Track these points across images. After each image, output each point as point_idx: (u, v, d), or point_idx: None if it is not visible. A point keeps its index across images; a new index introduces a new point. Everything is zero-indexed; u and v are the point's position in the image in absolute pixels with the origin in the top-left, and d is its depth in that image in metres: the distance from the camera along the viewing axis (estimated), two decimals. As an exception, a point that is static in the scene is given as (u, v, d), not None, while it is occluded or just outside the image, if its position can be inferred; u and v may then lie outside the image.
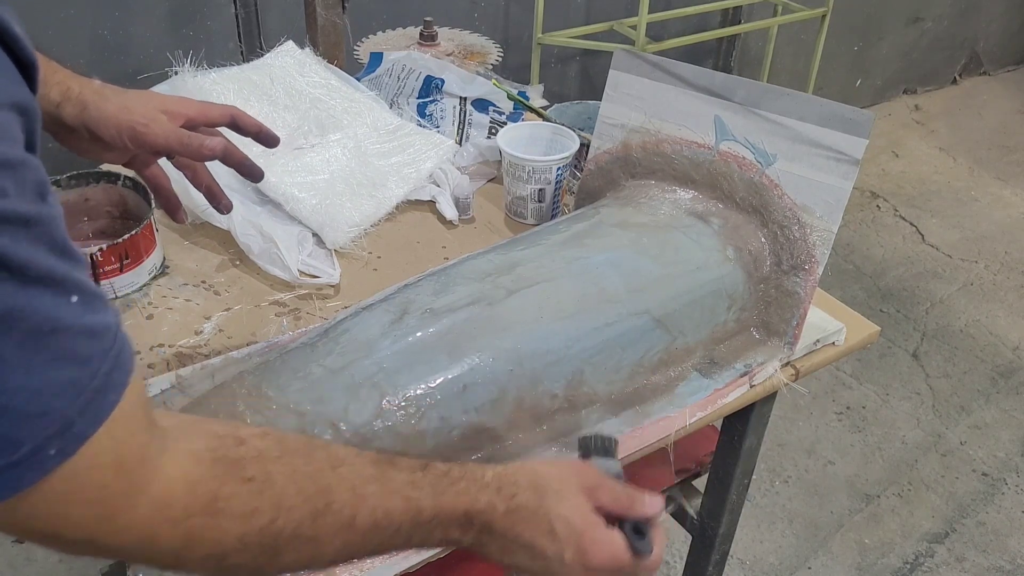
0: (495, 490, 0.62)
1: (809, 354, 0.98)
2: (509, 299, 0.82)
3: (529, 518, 0.62)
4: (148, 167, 0.87)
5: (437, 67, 1.33)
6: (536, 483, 0.63)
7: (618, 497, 0.66)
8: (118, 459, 0.45)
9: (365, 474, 0.57)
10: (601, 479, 0.67)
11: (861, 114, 0.88)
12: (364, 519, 0.56)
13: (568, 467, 0.67)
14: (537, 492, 0.63)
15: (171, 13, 1.98)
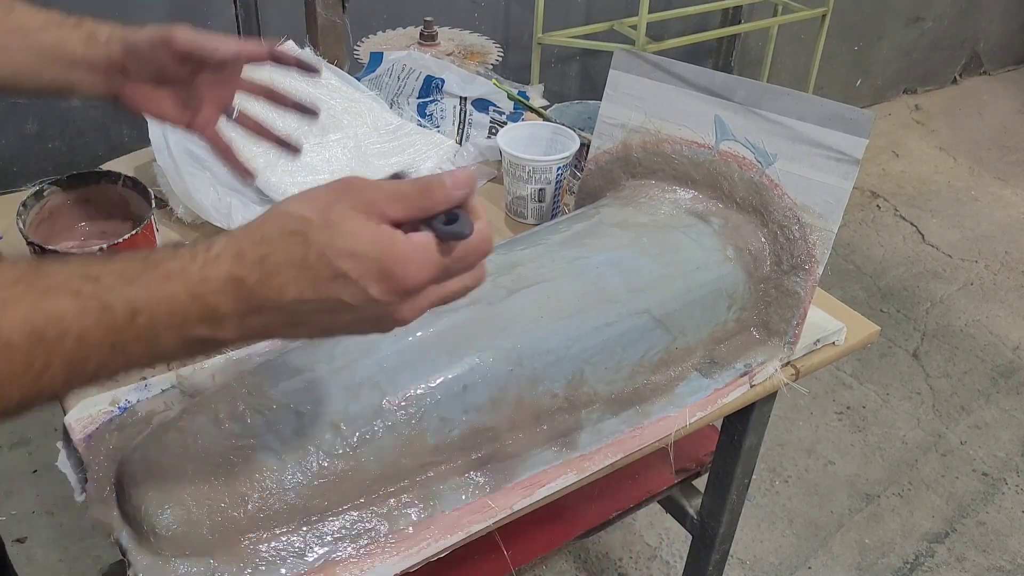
0: (233, 259, 0.51)
1: (809, 354, 0.98)
2: (509, 299, 0.82)
3: (301, 274, 0.51)
4: (210, 125, 0.88)
5: (437, 67, 1.33)
6: (291, 227, 0.51)
7: (407, 195, 0.53)
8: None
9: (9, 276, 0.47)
10: (378, 185, 0.53)
11: (861, 114, 0.88)
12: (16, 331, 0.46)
13: (328, 190, 0.53)
14: (297, 237, 0.51)
15: (171, 13, 1.98)
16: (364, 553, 0.72)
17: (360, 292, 0.51)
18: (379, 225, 0.52)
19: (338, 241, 0.51)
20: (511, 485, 0.78)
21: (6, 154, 1.96)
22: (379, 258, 0.51)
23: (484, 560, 1.13)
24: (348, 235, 0.51)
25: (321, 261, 0.51)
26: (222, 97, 0.88)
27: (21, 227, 0.94)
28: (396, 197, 0.53)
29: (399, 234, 0.52)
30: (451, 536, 0.74)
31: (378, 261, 0.51)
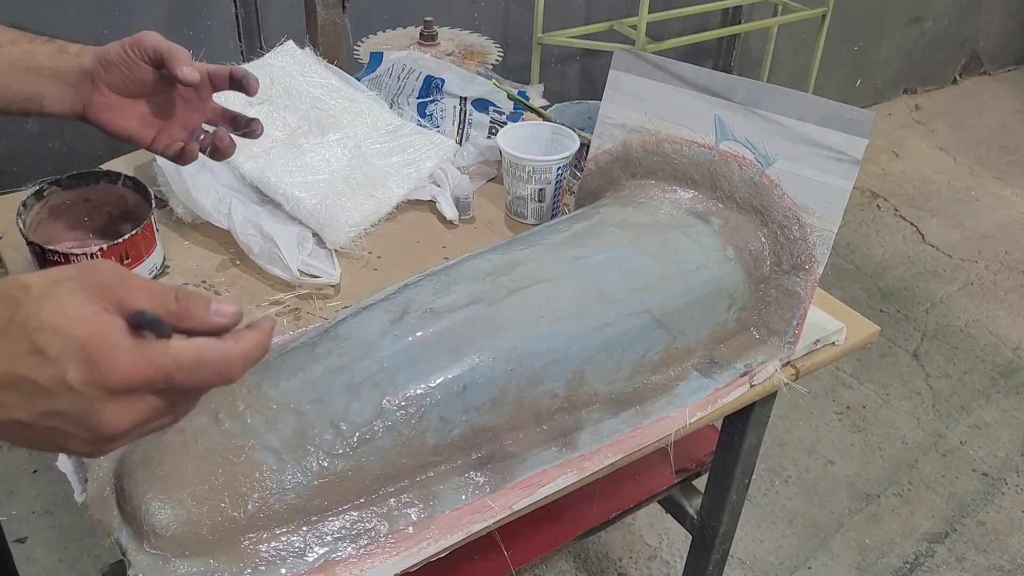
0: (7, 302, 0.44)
1: (809, 354, 0.98)
2: (509, 299, 0.82)
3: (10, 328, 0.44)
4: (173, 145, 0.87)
5: (437, 67, 1.33)
6: (9, 292, 0.45)
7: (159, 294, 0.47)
8: None
9: None
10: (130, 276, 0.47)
11: (861, 114, 0.88)
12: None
13: (73, 267, 0.47)
14: (7, 303, 0.45)
15: (171, 13, 1.98)
16: (364, 553, 0.72)
17: (56, 376, 0.44)
18: (103, 311, 0.45)
19: (45, 313, 0.44)
20: (511, 485, 0.78)
21: (6, 154, 1.96)
22: (84, 341, 0.44)
23: (484, 560, 1.13)
24: (59, 311, 0.44)
25: (21, 332, 0.44)
26: (189, 119, 0.88)
27: (21, 227, 0.94)
28: (146, 292, 0.47)
29: (121, 325, 0.45)
30: (451, 536, 0.74)
31: (83, 345, 0.44)
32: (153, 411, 0.47)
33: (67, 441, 0.46)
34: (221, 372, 0.47)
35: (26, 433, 0.46)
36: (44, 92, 0.81)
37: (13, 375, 0.44)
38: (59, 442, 0.47)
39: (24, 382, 0.44)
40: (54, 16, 1.77)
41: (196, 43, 2.01)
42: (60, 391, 0.44)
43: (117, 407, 0.45)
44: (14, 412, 0.45)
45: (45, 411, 0.45)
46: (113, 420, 0.46)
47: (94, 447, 0.47)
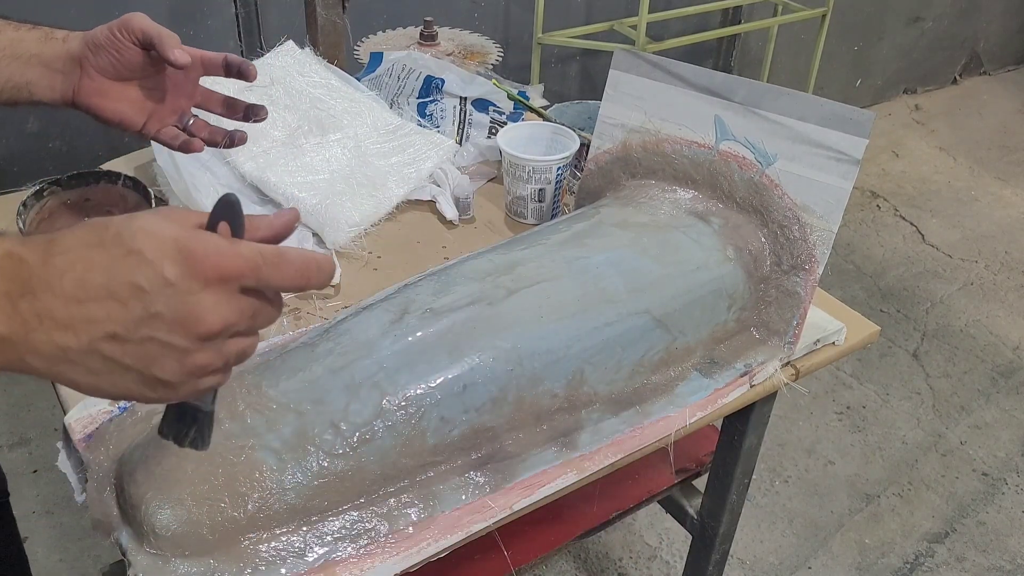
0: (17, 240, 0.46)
1: (809, 354, 0.98)
2: (509, 299, 0.82)
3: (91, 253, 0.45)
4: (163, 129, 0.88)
5: (437, 67, 1.33)
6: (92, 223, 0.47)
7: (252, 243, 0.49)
8: None
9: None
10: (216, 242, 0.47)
11: (861, 114, 0.88)
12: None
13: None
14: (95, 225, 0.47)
15: (171, 13, 1.98)
16: (364, 553, 0.72)
17: (154, 273, 0.45)
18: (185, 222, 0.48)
19: (136, 225, 0.46)
20: (511, 485, 0.78)
21: (6, 154, 1.96)
22: (177, 238, 0.46)
23: (484, 560, 1.13)
24: (148, 222, 0.46)
25: (115, 240, 0.46)
26: (178, 103, 0.89)
27: (21, 227, 0.94)
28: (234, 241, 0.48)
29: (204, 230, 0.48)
30: (451, 536, 0.74)
31: (176, 241, 0.46)
32: (242, 313, 0.48)
33: (159, 358, 0.47)
34: (301, 269, 0.49)
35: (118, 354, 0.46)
36: (32, 80, 0.82)
37: (114, 279, 0.45)
38: (150, 361, 0.47)
39: (123, 286, 0.45)
40: (54, 16, 1.77)
41: (196, 43, 2.00)
42: (158, 288, 0.45)
43: (211, 299, 0.46)
44: (110, 324, 0.45)
45: (142, 316, 0.45)
46: (208, 313, 0.46)
47: (185, 360, 0.47)
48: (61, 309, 0.45)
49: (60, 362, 0.46)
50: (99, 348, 0.46)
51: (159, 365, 0.47)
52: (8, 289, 0.45)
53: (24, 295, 0.45)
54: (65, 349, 0.46)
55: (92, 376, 0.47)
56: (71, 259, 0.45)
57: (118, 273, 0.45)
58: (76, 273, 0.45)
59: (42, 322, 0.45)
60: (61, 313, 0.45)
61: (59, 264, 0.45)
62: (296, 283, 0.50)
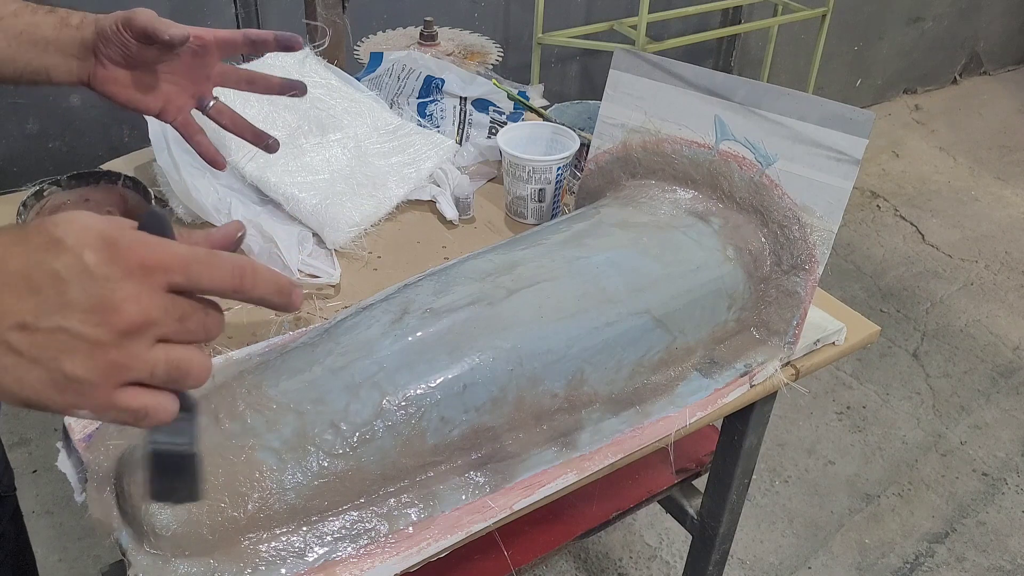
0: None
1: (809, 354, 0.98)
2: (509, 299, 0.82)
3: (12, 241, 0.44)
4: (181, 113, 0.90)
5: (437, 67, 1.33)
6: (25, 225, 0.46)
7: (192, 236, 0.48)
8: None
9: None
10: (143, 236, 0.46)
11: (861, 114, 0.88)
12: None
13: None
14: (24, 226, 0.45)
15: (171, 13, 1.98)
16: (364, 553, 0.72)
17: (73, 260, 0.43)
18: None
19: (66, 214, 0.44)
20: (511, 485, 0.78)
21: (6, 154, 1.96)
22: (102, 230, 0.44)
23: (484, 560, 1.13)
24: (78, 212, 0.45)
25: (38, 230, 0.44)
26: (196, 87, 0.89)
27: (21, 227, 0.94)
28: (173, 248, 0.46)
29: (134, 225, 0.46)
30: (451, 536, 0.74)
31: (100, 232, 0.44)
32: (166, 311, 0.45)
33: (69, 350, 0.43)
34: (235, 269, 0.47)
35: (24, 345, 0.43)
36: (50, 66, 0.82)
37: (30, 269, 0.43)
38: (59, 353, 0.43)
39: (40, 274, 0.43)
40: (54, 16, 1.77)
41: (196, 43, 2.01)
42: (74, 275, 0.43)
43: (132, 288, 0.44)
44: (19, 314, 0.43)
45: (55, 303, 0.43)
46: (126, 302, 0.44)
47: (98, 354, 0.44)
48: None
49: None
50: (5, 337, 0.43)
51: (69, 359, 0.43)
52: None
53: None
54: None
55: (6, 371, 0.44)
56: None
57: (36, 261, 0.43)
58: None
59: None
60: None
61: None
62: (229, 283, 0.47)
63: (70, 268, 0.43)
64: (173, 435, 0.48)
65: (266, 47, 0.88)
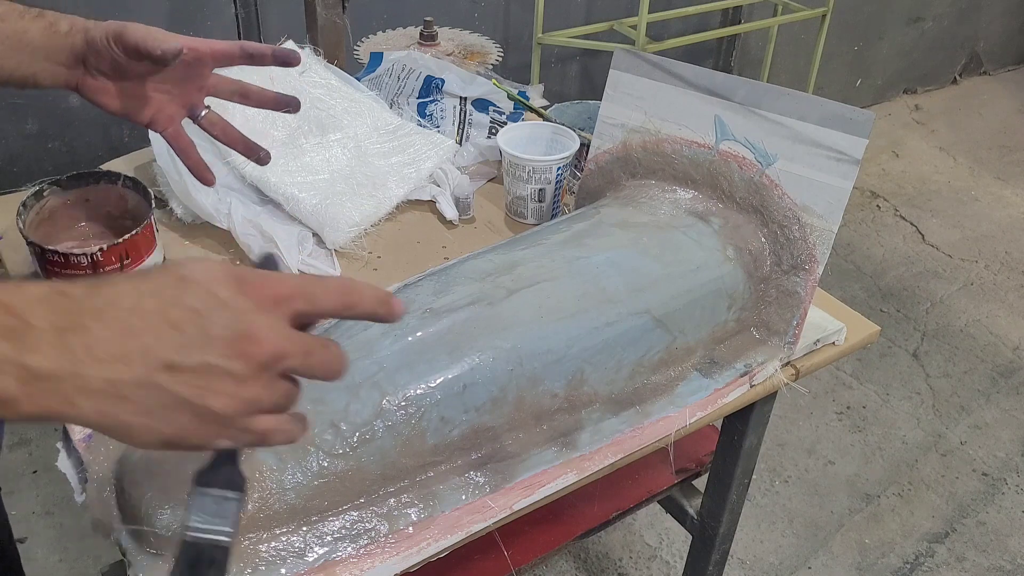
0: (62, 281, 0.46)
1: (809, 354, 0.98)
2: (509, 299, 0.82)
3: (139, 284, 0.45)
4: (172, 124, 0.88)
5: (437, 67, 1.33)
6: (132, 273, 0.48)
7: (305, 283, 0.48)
8: None
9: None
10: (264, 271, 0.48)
11: (861, 114, 0.88)
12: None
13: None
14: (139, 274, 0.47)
15: (171, 13, 1.98)
16: (364, 553, 0.72)
17: (209, 295, 0.44)
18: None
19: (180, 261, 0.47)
20: (511, 485, 0.78)
21: (6, 154, 1.96)
22: (229, 269, 0.46)
23: (484, 560, 1.13)
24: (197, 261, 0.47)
25: (163, 271, 0.45)
26: (187, 97, 0.87)
27: (21, 227, 0.94)
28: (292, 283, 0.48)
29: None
30: (451, 536, 0.74)
31: (227, 270, 0.46)
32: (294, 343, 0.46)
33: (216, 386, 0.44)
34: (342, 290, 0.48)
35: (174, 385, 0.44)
36: (38, 71, 0.81)
37: (167, 306, 0.44)
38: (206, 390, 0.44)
39: (177, 310, 0.44)
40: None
41: (196, 43, 2.01)
42: (212, 308, 0.44)
43: (266, 320, 0.45)
44: (165, 352, 0.43)
45: (198, 339, 0.44)
46: (265, 334, 0.45)
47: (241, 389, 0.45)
48: (114, 340, 0.43)
49: (111, 400, 0.43)
50: (154, 379, 0.44)
51: (214, 395, 0.45)
52: (55, 322, 0.43)
53: (73, 328, 0.43)
54: (117, 384, 0.43)
55: (144, 416, 0.44)
56: (120, 290, 0.44)
57: (171, 298, 0.44)
58: (128, 301, 0.44)
59: (93, 355, 0.43)
60: (114, 344, 0.43)
61: (108, 294, 0.44)
62: (340, 302, 0.48)
63: (206, 302, 0.44)
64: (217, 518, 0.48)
65: (263, 61, 0.85)
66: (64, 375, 0.42)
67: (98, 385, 0.43)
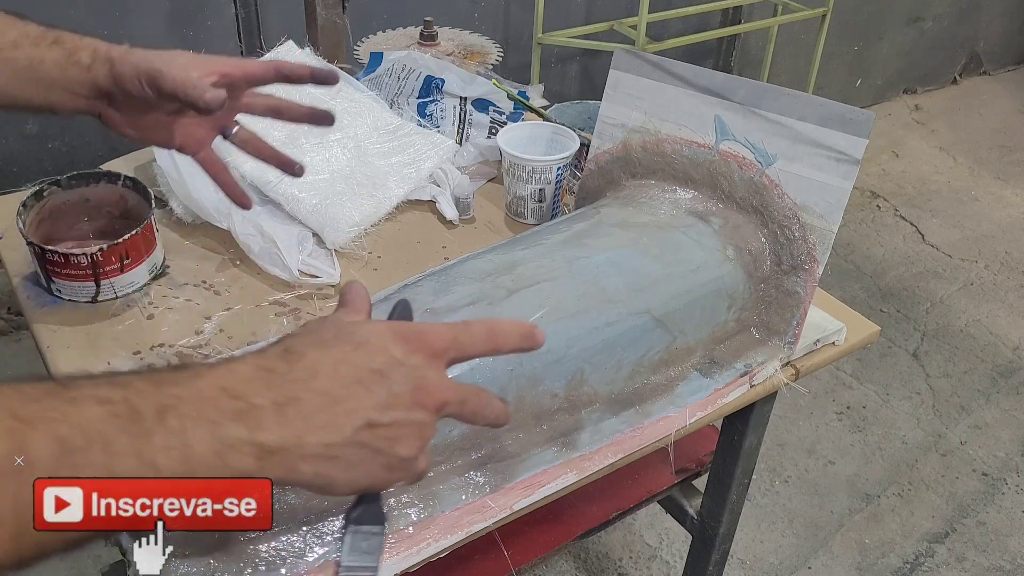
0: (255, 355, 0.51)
1: (809, 354, 0.98)
2: (509, 299, 0.82)
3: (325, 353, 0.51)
4: (203, 147, 0.84)
5: (437, 67, 1.33)
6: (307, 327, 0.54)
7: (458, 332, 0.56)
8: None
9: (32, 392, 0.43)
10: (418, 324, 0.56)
11: (861, 114, 0.88)
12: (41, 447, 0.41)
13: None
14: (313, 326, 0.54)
15: (171, 13, 1.98)
16: (364, 553, 0.71)
17: (388, 356, 0.51)
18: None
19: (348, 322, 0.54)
20: (511, 485, 0.78)
21: (6, 154, 1.96)
22: (395, 329, 0.53)
23: (484, 560, 1.13)
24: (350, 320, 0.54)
25: (339, 337, 0.52)
26: (218, 120, 0.82)
27: (21, 227, 0.94)
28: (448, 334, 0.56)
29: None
30: (451, 536, 0.74)
31: (393, 331, 0.53)
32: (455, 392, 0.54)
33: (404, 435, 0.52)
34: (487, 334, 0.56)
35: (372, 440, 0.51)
36: (55, 102, 0.76)
37: (358, 371, 0.50)
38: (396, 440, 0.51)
39: (366, 373, 0.50)
40: (55, 16, 1.77)
41: (196, 43, 2.01)
42: (393, 368, 0.51)
43: (434, 372, 0.53)
44: (364, 412, 0.50)
45: (387, 397, 0.51)
46: (436, 384, 0.53)
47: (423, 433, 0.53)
48: (324, 408, 0.49)
49: (325, 462, 0.50)
50: (359, 438, 0.50)
51: (403, 443, 0.52)
52: (273, 398, 0.48)
53: (288, 402, 0.48)
54: (331, 446, 0.50)
55: (349, 470, 0.51)
56: (312, 360, 0.50)
57: (358, 363, 0.51)
58: (326, 370, 0.50)
59: (309, 424, 0.49)
60: (324, 412, 0.49)
61: (306, 365, 0.50)
62: (486, 345, 0.56)
63: (387, 363, 0.51)
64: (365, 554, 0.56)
65: (300, 80, 0.81)
66: (289, 446, 0.48)
67: (316, 450, 0.49)
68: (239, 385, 0.48)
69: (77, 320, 0.93)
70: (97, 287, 0.94)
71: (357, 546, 0.56)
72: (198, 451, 0.45)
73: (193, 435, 0.45)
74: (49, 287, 0.95)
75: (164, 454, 0.44)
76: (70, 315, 0.94)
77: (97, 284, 0.94)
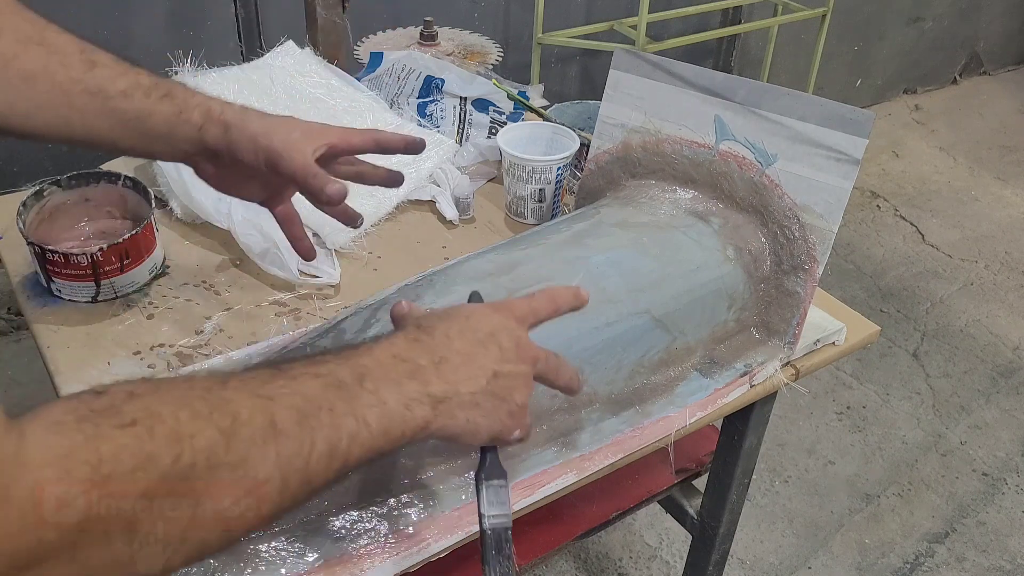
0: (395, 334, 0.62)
1: (809, 354, 0.98)
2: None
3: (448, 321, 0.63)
4: (283, 204, 0.85)
5: (437, 67, 1.33)
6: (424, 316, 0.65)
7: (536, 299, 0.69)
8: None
9: (261, 376, 0.52)
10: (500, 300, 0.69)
11: (861, 114, 0.88)
12: (285, 416, 0.50)
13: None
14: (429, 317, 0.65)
15: (171, 13, 1.98)
16: (364, 553, 0.72)
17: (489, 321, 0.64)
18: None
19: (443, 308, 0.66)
20: (511, 485, 0.78)
21: (6, 154, 1.96)
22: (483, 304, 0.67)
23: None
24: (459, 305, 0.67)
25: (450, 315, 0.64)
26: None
27: (21, 227, 0.94)
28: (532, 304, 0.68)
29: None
30: (451, 536, 0.74)
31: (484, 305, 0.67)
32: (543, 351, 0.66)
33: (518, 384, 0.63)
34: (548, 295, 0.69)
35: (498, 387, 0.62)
36: (156, 151, 0.76)
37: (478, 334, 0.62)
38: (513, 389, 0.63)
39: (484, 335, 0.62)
40: (54, 16, 1.77)
41: (196, 43, 2.01)
42: (498, 330, 0.63)
43: (524, 332, 0.65)
44: (490, 364, 0.61)
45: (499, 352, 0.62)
46: (526, 341, 0.65)
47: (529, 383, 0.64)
48: (465, 364, 0.61)
49: (472, 408, 0.61)
50: (490, 387, 0.61)
51: (518, 391, 0.63)
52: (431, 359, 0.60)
53: (441, 362, 0.60)
54: (476, 395, 0.61)
55: (486, 416, 0.62)
56: (443, 331, 0.62)
57: (475, 328, 0.63)
58: (456, 336, 0.62)
59: (459, 377, 0.60)
60: (466, 367, 0.61)
61: (441, 334, 0.61)
62: (551, 306, 0.68)
63: (494, 327, 0.63)
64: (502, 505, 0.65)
65: (394, 151, 0.84)
66: (451, 395, 0.60)
67: (468, 399, 0.60)
68: (404, 352, 0.59)
69: (77, 320, 0.93)
70: (97, 287, 0.94)
71: (492, 499, 0.65)
72: (391, 407, 0.56)
73: (386, 394, 0.56)
74: (49, 287, 0.95)
75: (370, 411, 0.55)
76: (70, 315, 0.94)
77: (97, 284, 0.94)
